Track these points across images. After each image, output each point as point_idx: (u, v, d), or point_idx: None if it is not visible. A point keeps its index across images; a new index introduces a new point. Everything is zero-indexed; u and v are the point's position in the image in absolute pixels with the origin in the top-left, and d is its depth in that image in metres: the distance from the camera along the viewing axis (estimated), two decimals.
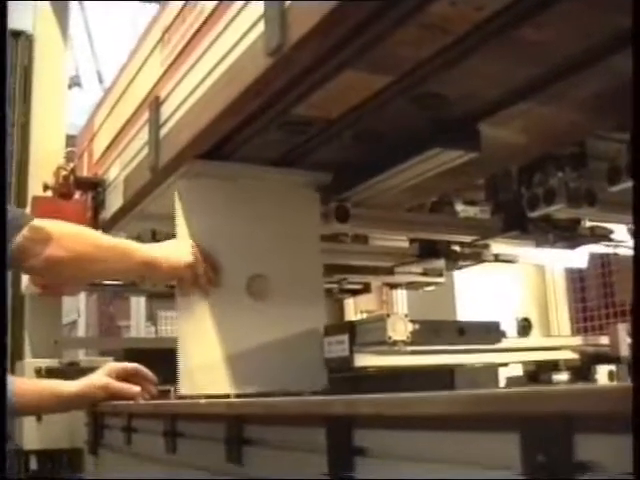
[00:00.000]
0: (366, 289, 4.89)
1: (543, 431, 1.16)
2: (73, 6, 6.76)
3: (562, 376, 3.05)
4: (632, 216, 1.27)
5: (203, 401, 2.58)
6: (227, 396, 2.77)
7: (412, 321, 2.46)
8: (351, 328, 2.57)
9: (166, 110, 3.07)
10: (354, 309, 5.78)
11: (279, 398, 2.36)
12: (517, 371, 3.22)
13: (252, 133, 2.79)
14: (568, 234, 3.66)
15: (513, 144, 2.88)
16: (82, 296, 9.49)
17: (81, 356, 6.61)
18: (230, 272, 2.95)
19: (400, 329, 2.43)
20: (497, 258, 4.05)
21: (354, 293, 5.00)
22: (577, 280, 5.64)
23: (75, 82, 10.24)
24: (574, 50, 2.21)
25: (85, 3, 9.89)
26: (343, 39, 2.10)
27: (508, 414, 1.24)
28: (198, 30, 2.80)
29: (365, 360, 2.55)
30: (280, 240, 3.04)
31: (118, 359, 4.74)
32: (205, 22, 2.73)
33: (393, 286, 4.85)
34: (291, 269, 3.04)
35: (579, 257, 4.08)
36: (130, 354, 4.54)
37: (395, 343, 2.43)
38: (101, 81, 12.07)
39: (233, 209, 3.01)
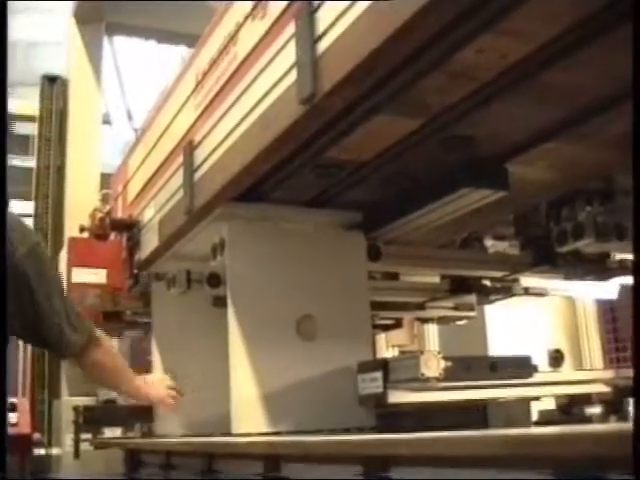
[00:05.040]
0: (398, 324, 4.91)
1: (577, 470, 1.20)
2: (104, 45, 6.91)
3: (595, 409, 3.06)
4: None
5: (244, 440, 2.62)
6: (276, 434, 2.83)
7: (445, 358, 2.48)
8: (385, 365, 2.60)
9: (200, 154, 3.14)
10: (385, 344, 5.79)
11: (318, 438, 2.40)
12: (550, 404, 3.24)
13: (285, 176, 2.86)
14: (597, 267, 3.68)
15: (540, 182, 2.93)
16: None
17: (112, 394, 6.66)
18: (279, 313, 3.02)
19: (433, 366, 2.45)
20: (527, 292, 4.07)
21: (386, 328, 5.02)
22: (608, 311, 5.61)
23: (105, 120, 10.38)
24: (598, 92, 2.26)
25: (115, 42, 10.03)
26: (374, 86, 2.17)
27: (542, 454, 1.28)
28: (232, 76, 2.86)
29: (399, 397, 2.58)
30: (328, 280, 3.12)
31: None
32: (238, 69, 2.80)
33: (424, 321, 4.86)
34: (339, 309, 3.11)
35: (609, 288, 4.09)
36: None
37: (428, 380, 2.45)
38: (130, 118, 12.21)
39: (280, 251, 3.09)
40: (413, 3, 1.78)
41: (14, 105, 13.25)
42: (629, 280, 3.97)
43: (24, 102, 12.70)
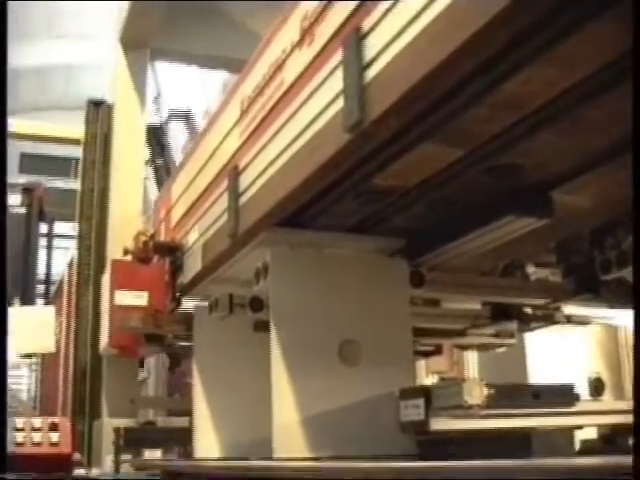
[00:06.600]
0: (438, 351, 4.89)
1: None
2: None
3: None
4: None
5: (290, 464, 2.63)
6: (316, 459, 2.83)
7: (487, 385, 2.47)
8: (427, 392, 2.60)
9: (245, 179, 3.17)
10: (425, 370, 5.78)
11: (369, 464, 2.40)
12: (591, 433, 3.21)
13: (329, 202, 2.87)
14: None
15: (583, 210, 2.92)
16: None
17: (150, 416, 6.71)
18: (321, 338, 3.04)
19: (476, 393, 2.45)
20: (569, 320, 4.04)
21: (426, 355, 5.00)
22: None
23: None
24: None
25: (157, 65, 10.19)
26: (420, 115, 2.19)
27: None
28: (278, 103, 2.89)
29: (441, 424, 2.57)
30: (371, 306, 3.13)
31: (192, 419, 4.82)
32: (285, 95, 2.83)
33: (464, 347, 4.84)
34: (381, 334, 3.12)
35: None
36: None
37: (471, 407, 2.44)
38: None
39: (323, 277, 3.11)
40: (462, 32, 1.80)
41: (56, 129, 13.51)
42: None
43: (64, 125, 12.92)
